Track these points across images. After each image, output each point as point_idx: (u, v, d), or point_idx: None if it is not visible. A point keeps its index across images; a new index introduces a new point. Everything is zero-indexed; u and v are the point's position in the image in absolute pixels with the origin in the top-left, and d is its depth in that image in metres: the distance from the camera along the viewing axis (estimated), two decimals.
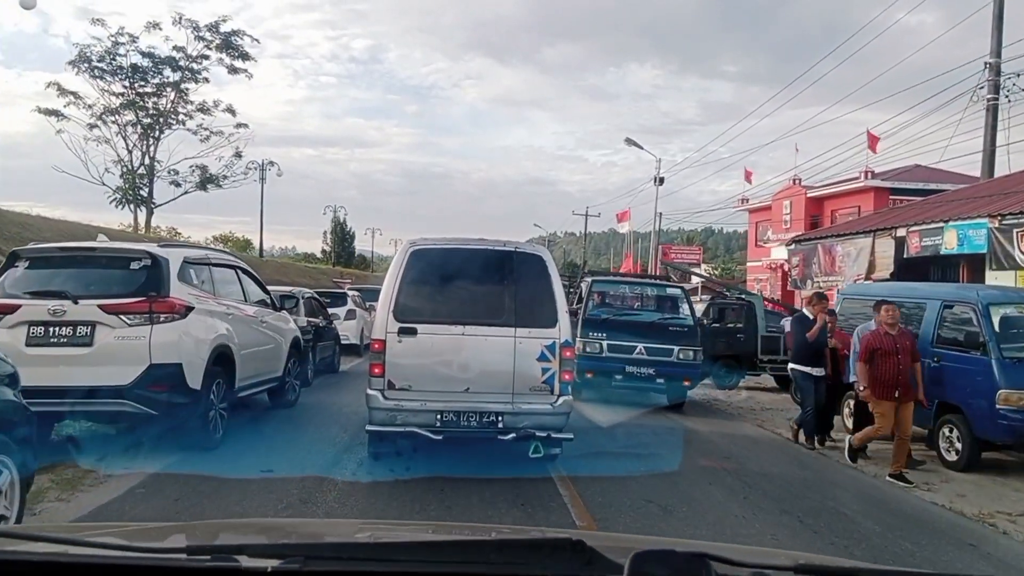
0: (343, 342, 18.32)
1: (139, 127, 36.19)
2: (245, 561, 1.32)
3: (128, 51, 35.33)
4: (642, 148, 32.24)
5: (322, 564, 1.37)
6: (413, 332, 6.38)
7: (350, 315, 18.58)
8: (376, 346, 6.45)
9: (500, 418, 6.37)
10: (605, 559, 1.30)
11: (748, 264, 51.67)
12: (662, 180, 33.00)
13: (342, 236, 64.87)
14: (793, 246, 23.21)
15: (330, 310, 19.03)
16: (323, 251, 64.58)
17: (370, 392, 6.40)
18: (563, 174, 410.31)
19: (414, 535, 2.24)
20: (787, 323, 11.69)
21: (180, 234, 38.01)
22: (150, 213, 37.08)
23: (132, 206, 37.00)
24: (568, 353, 6.57)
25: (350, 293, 19.74)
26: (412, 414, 6.32)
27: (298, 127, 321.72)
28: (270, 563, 1.31)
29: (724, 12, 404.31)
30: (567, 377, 6.54)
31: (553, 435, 6.45)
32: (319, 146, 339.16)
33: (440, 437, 6.30)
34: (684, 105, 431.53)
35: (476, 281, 6.76)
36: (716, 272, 61.65)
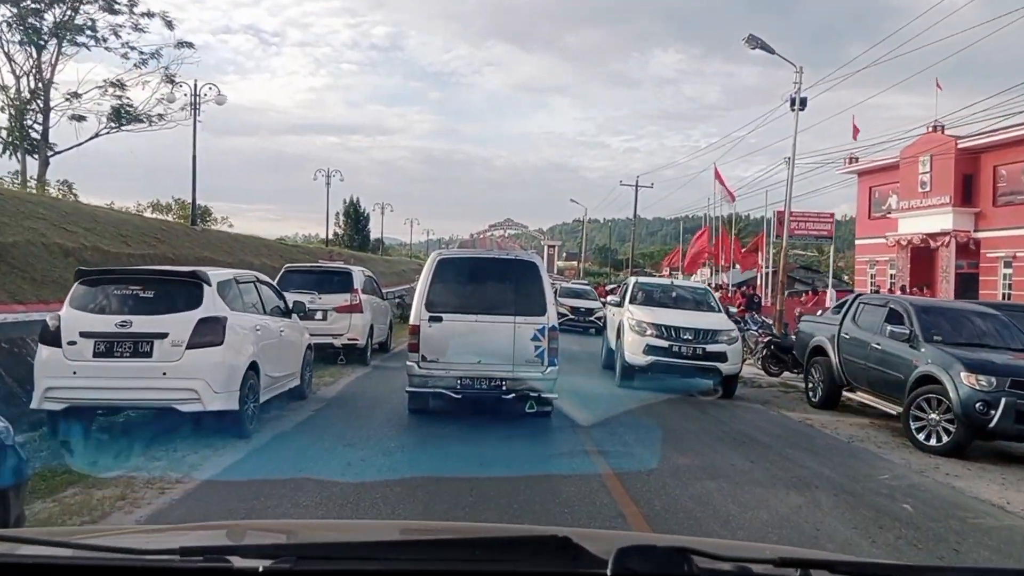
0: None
1: (24, 32, 24.84)
2: (237, 562, 1.32)
3: None
4: (773, 52, 20.42)
5: (313, 564, 1.38)
6: (440, 319, 8.55)
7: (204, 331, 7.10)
8: (413, 329, 8.62)
9: (504, 382, 8.47)
10: (590, 555, 1.33)
11: (858, 242, 40.14)
12: (804, 101, 20.94)
13: (356, 218, 57.36)
14: None
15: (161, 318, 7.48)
16: (335, 234, 56.67)
17: (409, 363, 8.56)
18: (585, 160, 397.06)
19: (404, 534, 2.23)
20: None
21: (76, 195, 26.64)
22: (45, 163, 25.87)
23: (19, 153, 25.86)
24: (554, 334, 8.60)
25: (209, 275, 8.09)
26: (439, 379, 8.46)
27: (320, 115, 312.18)
28: (262, 563, 1.30)
29: None
30: (554, 352, 8.56)
31: (543, 395, 8.53)
32: (342, 134, 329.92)
33: (460, 396, 8.48)
34: (708, 90, 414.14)
35: (486, 281, 9.04)
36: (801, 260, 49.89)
